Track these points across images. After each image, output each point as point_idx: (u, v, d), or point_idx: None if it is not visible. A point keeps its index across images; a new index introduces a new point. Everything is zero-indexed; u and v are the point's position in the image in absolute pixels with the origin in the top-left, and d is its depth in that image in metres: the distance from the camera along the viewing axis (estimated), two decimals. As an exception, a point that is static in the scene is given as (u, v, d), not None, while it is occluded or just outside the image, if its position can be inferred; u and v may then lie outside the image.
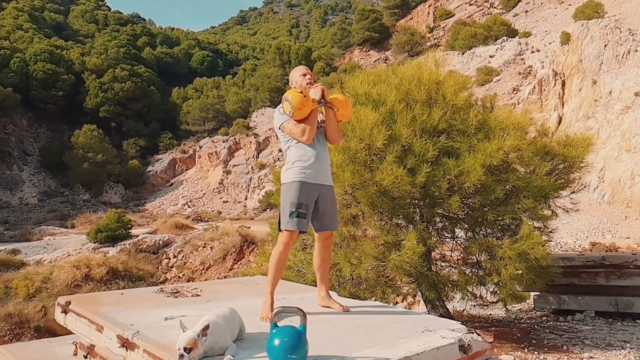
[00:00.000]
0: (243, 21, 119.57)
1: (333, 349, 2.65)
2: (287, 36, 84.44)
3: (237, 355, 2.50)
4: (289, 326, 2.49)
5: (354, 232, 4.74)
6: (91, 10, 76.30)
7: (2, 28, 56.11)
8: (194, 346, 2.37)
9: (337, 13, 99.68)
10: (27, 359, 3.36)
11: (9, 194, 43.55)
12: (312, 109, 3.44)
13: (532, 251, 4.26)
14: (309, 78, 3.66)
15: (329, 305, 3.57)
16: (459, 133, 4.65)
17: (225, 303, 3.40)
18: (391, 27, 48.62)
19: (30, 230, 34.10)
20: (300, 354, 2.38)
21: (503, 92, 32.05)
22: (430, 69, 5.02)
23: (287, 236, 3.43)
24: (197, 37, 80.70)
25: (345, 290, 4.68)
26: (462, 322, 5.14)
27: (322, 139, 3.61)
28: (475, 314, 6.61)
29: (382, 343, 2.80)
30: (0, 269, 25.19)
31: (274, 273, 3.42)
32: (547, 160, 5.01)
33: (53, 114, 49.07)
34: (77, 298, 3.53)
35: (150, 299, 3.67)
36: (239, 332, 2.77)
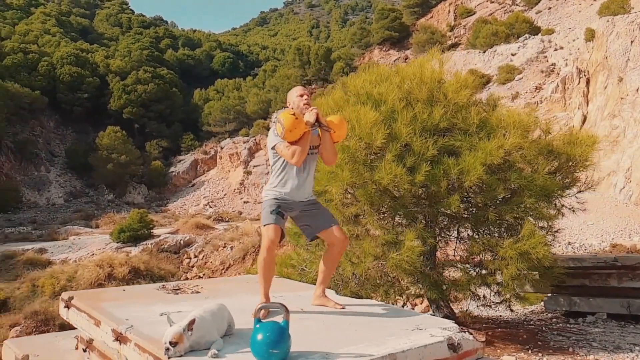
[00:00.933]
0: (264, 22, 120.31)
1: (318, 346, 2.68)
2: (307, 37, 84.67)
3: (223, 350, 2.55)
4: (272, 321, 2.53)
5: (356, 231, 4.75)
6: (115, 14, 77.76)
7: (30, 33, 57.59)
8: (179, 340, 2.43)
9: (357, 13, 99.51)
10: (31, 352, 3.48)
11: (37, 195, 44.65)
12: (304, 131, 3.43)
13: (533, 251, 4.21)
14: (305, 99, 3.63)
15: (324, 303, 3.60)
16: (460, 132, 4.63)
17: (222, 300, 3.46)
18: (411, 26, 48.33)
19: (57, 229, 34.86)
20: (281, 348, 2.42)
21: (525, 91, 31.58)
22: (432, 68, 5.01)
23: (267, 240, 3.43)
24: (219, 39, 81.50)
25: (347, 289, 4.71)
26: (466, 322, 5.13)
27: (311, 166, 3.63)
28: (483, 315, 6.56)
29: (370, 340, 2.82)
30: (28, 267, 25.88)
31: (263, 275, 3.46)
32: (551, 159, 4.95)
33: (78, 116, 50.17)
34: (79, 293, 3.64)
35: (150, 295, 3.75)
36: (227, 327, 2.82)
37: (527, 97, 31.53)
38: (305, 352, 2.56)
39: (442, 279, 4.77)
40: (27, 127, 46.65)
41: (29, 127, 46.88)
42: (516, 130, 4.34)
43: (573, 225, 15.19)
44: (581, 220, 15.19)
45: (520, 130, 4.39)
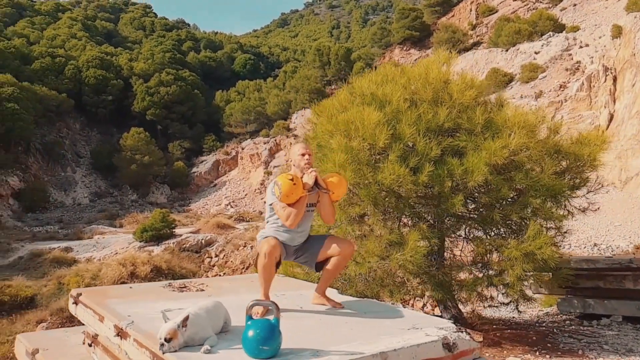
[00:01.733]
0: (284, 24, 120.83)
1: (311, 343, 2.72)
2: (328, 37, 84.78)
3: (217, 346, 2.61)
4: (263, 319, 2.58)
5: (360, 231, 4.77)
6: (139, 18, 79.10)
7: (57, 37, 59.03)
8: (173, 336, 2.50)
9: (377, 13, 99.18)
10: (41, 346, 3.60)
11: (64, 195, 45.69)
12: (300, 196, 3.49)
13: (539, 252, 4.16)
14: (307, 159, 3.64)
15: (324, 302, 3.63)
16: (465, 132, 4.60)
17: (225, 298, 3.53)
18: (432, 25, 47.98)
19: (82, 229, 35.59)
20: (272, 345, 2.46)
21: (549, 89, 31.04)
22: (438, 68, 4.99)
23: (266, 245, 3.47)
24: (240, 41, 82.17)
25: (353, 289, 4.72)
26: (474, 323, 5.09)
27: (308, 222, 3.69)
28: (494, 317, 6.50)
29: (363, 339, 2.85)
30: (55, 265, 26.52)
31: (263, 277, 3.49)
32: (558, 159, 4.87)
33: (103, 117, 51.22)
34: (87, 290, 3.76)
35: (155, 292, 3.84)
36: (223, 324, 2.88)
37: (551, 95, 30.99)
38: (296, 349, 2.60)
39: (448, 279, 4.75)
40: (54, 129, 47.82)
41: (56, 129, 48.05)
42: (521, 130, 4.29)
43: (599, 226, 14.87)
44: (608, 221, 14.88)
45: (525, 130, 4.34)
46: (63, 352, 3.43)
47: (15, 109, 39.71)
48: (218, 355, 2.51)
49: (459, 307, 5.31)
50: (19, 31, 59.26)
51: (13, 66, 45.73)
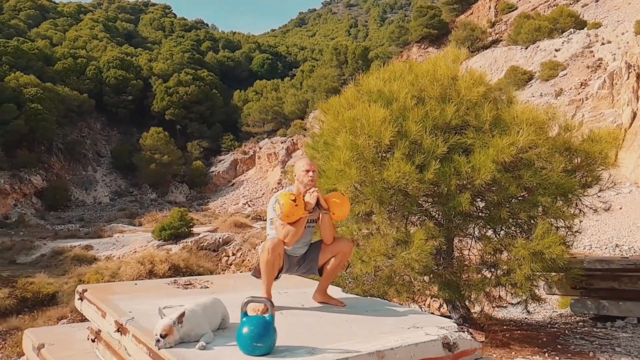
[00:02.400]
0: (302, 23, 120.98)
1: (308, 341, 2.71)
2: (346, 36, 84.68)
3: (213, 342, 2.62)
4: (258, 316, 2.57)
5: (368, 229, 4.74)
6: (159, 18, 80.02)
7: (79, 38, 60.05)
8: (169, 332, 2.51)
9: (395, 11, 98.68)
10: (47, 341, 3.66)
11: (85, 193, 46.48)
12: (301, 217, 3.50)
13: (547, 251, 4.08)
14: (311, 176, 3.62)
15: (326, 301, 3.62)
16: (473, 129, 4.54)
17: (228, 295, 3.55)
18: (450, 23, 47.54)
19: (102, 227, 36.13)
20: (266, 342, 2.46)
21: (570, 87, 30.51)
22: (446, 64, 4.93)
23: (270, 242, 3.50)
24: (258, 41, 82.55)
25: (359, 287, 4.70)
26: (482, 323, 5.03)
27: (308, 238, 3.68)
28: (506, 317, 6.40)
29: (361, 337, 2.83)
30: (75, 263, 27.00)
31: (266, 277, 3.49)
32: (568, 157, 4.77)
33: (123, 117, 51.96)
34: (93, 286, 3.80)
35: (159, 289, 3.88)
36: (221, 321, 2.89)
37: (572, 93, 30.46)
38: (292, 347, 2.59)
39: (455, 279, 4.68)
40: (76, 129, 48.70)
41: (78, 128, 48.93)
42: (529, 127, 4.21)
43: (621, 227, 14.54)
44: (630, 222, 14.53)
45: (534, 127, 4.26)
46: (68, 347, 3.49)
47: (39, 109, 40.55)
48: (213, 351, 2.52)
49: (468, 307, 5.25)
50: (42, 33, 60.45)
51: (36, 67, 46.69)
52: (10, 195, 39.36)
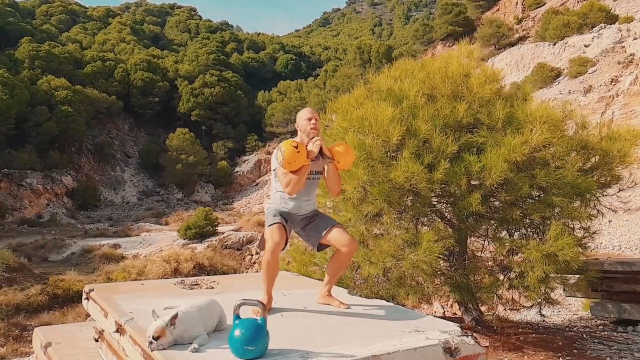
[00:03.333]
0: (326, 23, 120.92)
1: (304, 344, 2.67)
2: (370, 35, 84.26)
3: (206, 345, 2.60)
4: (250, 318, 2.54)
5: (378, 230, 4.67)
6: (184, 20, 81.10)
7: (108, 42, 61.35)
8: (161, 334, 2.50)
9: (420, 9, 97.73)
10: (54, 340, 3.72)
11: (113, 193, 47.48)
12: (303, 164, 3.41)
13: (560, 253, 3.94)
14: (313, 123, 3.58)
15: (329, 302, 3.57)
16: (485, 128, 4.41)
17: (233, 295, 3.53)
18: (476, 20, 46.82)
19: (130, 226, 36.83)
20: (257, 345, 2.43)
21: (599, 84, 29.69)
22: (458, 61, 4.82)
23: (271, 243, 3.45)
24: (282, 41, 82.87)
25: (367, 289, 4.63)
26: (494, 326, 4.91)
27: (313, 190, 3.62)
28: (521, 320, 6.24)
29: (359, 340, 2.77)
30: (104, 261, 27.60)
31: (266, 275, 3.46)
32: (585, 156, 4.60)
33: (150, 118, 52.87)
34: (99, 286, 3.84)
35: (165, 289, 3.89)
36: (217, 323, 2.86)
37: (602, 90, 29.64)
38: (285, 350, 2.56)
39: (466, 281, 4.57)
40: (105, 130, 49.79)
41: (106, 130, 50.02)
42: (543, 125, 4.07)
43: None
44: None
45: (548, 125, 4.12)
46: (73, 346, 3.53)
47: (69, 111, 41.60)
48: (205, 354, 2.50)
49: (481, 310, 5.12)
50: (72, 37, 61.94)
51: (67, 70, 47.91)
52: (43, 195, 40.47)
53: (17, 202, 38.28)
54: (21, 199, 38.60)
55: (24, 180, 38.75)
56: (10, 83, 38.80)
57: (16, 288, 19.09)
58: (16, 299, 17.91)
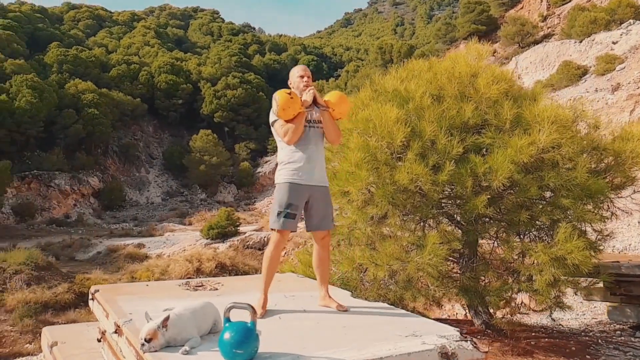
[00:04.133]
0: (348, 23, 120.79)
1: (296, 347, 2.65)
2: (392, 35, 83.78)
3: (199, 347, 2.61)
4: (240, 322, 2.54)
5: (387, 231, 4.62)
6: (207, 23, 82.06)
7: (132, 45, 62.46)
8: (153, 336, 2.52)
9: (443, 8, 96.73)
10: (60, 339, 3.79)
11: (138, 194, 48.32)
12: (298, 111, 3.44)
13: (569, 256, 3.83)
14: (305, 80, 3.69)
15: (328, 304, 3.55)
16: (492, 129, 4.32)
17: (235, 297, 3.54)
18: (499, 19, 46.10)
19: (154, 226, 37.39)
20: (246, 349, 2.42)
21: (628, 82, 28.93)
22: (466, 61, 4.74)
23: (276, 235, 3.51)
24: (303, 43, 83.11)
25: (374, 292, 4.59)
26: (503, 330, 4.80)
27: (317, 139, 3.60)
28: (535, 324, 6.10)
29: (353, 344, 2.75)
30: (129, 260, 28.11)
31: (266, 272, 3.49)
32: (596, 157, 4.46)
33: (174, 120, 53.63)
34: (104, 287, 3.90)
35: (168, 291, 3.92)
36: (212, 325, 2.87)
37: (630, 88, 28.88)
38: (276, 354, 2.55)
39: (473, 283, 4.48)
40: (130, 132, 50.73)
41: (131, 132, 50.95)
42: (551, 126, 3.97)
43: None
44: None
45: (556, 125, 4.01)
46: (77, 346, 3.59)
47: (95, 114, 42.52)
48: (196, 357, 2.50)
49: (491, 313, 5.03)
50: (98, 41, 63.28)
51: (93, 74, 48.97)
52: (70, 196, 41.44)
53: (46, 203, 39.28)
54: (50, 200, 39.60)
55: (52, 181, 39.75)
56: (40, 87, 39.84)
57: (44, 286, 19.58)
58: (44, 297, 18.37)
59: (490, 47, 5.47)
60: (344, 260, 4.65)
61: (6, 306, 17.88)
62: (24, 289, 18.71)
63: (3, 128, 36.34)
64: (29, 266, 20.13)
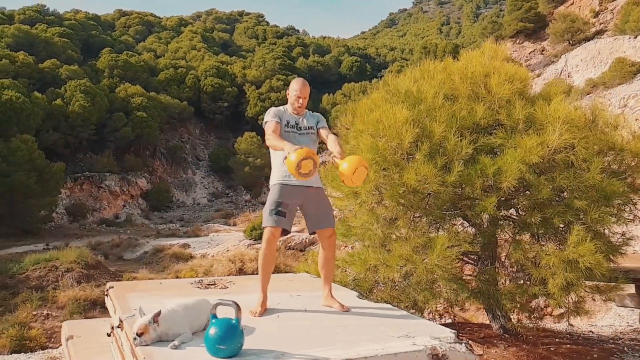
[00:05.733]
0: (392, 24, 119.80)
1: (283, 346, 2.70)
2: (437, 34, 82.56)
3: (189, 343, 2.69)
4: (225, 318, 2.60)
5: (399, 233, 4.59)
6: (252, 27, 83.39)
7: (180, 50, 64.31)
8: (144, 331, 2.63)
9: (490, 6, 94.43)
10: (77, 333, 3.99)
11: (185, 195, 49.69)
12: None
13: (582, 260, 3.68)
14: (300, 102, 3.81)
15: (330, 304, 3.58)
16: (505, 129, 4.21)
17: (243, 296, 3.64)
18: (548, 16, 44.51)
19: (200, 227, 38.26)
20: (229, 345, 2.49)
21: (687, 78, 27.37)
22: (479, 61, 4.64)
23: (268, 233, 3.58)
24: (347, 44, 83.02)
25: (387, 293, 4.57)
26: (519, 334, 4.66)
27: (308, 144, 3.67)
28: (560, 330, 5.87)
29: (342, 343, 2.77)
30: (174, 260, 28.91)
31: (262, 271, 3.59)
32: (613, 157, 4.26)
33: (220, 123, 54.83)
34: (119, 284, 4.07)
35: (179, 288, 4.05)
36: (207, 322, 2.95)
37: (690, 85, 27.29)
38: (261, 351, 2.60)
39: (488, 286, 4.38)
40: (177, 135, 52.26)
41: (178, 134, 52.47)
42: (563, 126, 3.83)
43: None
44: None
45: (568, 125, 3.87)
46: (91, 340, 3.77)
47: (144, 117, 44.09)
48: (183, 352, 2.59)
49: (509, 316, 4.90)
50: (147, 46, 65.51)
51: (142, 78, 50.78)
52: (119, 197, 43.09)
53: (97, 203, 41.00)
54: (100, 200, 41.30)
55: (103, 182, 41.45)
56: (92, 92, 41.68)
57: (93, 284, 20.44)
58: (93, 294, 19.17)
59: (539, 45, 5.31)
60: (357, 261, 4.66)
61: (58, 303, 18.80)
62: (74, 287, 19.62)
63: (58, 131, 38.21)
64: (80, 264, 21.05)
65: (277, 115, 3.82)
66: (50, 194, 31.54)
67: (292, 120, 3.82)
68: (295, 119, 3.84)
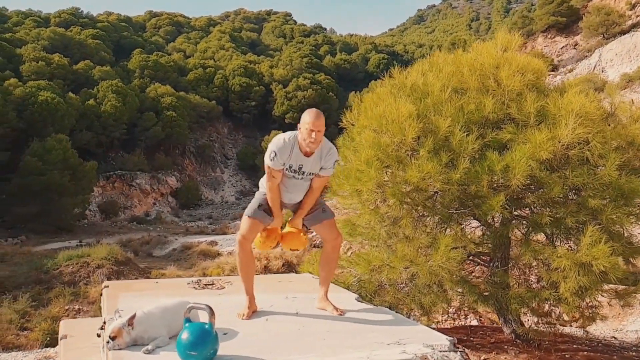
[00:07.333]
0: (421, 20, 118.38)
1: (264, 352, 2.58)
2: (466, 30, 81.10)
3: (165, 347, 2.59)
4: (198, 323, 2.49)
5: (404, 234, 4.39)
6: (280, 26, 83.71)
7: (208, 50, 65.04)
8: (118, 334, 2.53)
9: (521, 1, 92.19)
10: (72, 332, 3.95)
11: (213, 193, 50.27)
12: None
13: (595, 262, 3.42)
14: (314, 137, 3.31)
15: (324, 307, 3.44)
16: (515, 124, 3.96)
17: (237, 297, 3.54)
18: (581, 9, 43.12)
19: (228, 224, 38.60)
20: (201, 351, 2.37)
21: None
22: (489, 52, 4.40)
23: (247, 223, 3.51)
24: (374, 41, 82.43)
25: (390, 295, 4.39)
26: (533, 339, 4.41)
27: (303, 187, 3.52)
28: (579, 335, 5.56)
29: (326, 350, 2.63)
30: (201, 257, 29.20)
31: (241, 272, 3.50)
32: (633, 153, 3.95)
33: (247, 122, 55.25)
34: (114, 283, 4.02)
35: (174, 288, 3.97)
36: (186, 325, 2.84)
37: None
38: (237, 357, 2.48)
39: (497, 289, 4.14)
40: (206, 134, 52.89)
41: (207, 133, 53.09)
42: (576, 120, 3.57)
43: None
44: None
45: (582, 118, 3.61)
46: (84, 340, 3.72)
47: (174, 116, 44.75)
48: (157, 356, 2.49)
49: (522, 321, 4.65)
50: (177, 47, 66.49)
51: (172, 78, 51.55)
52: (150, 195, 43.86)
53: (128, 201, 41.82)
54: (132, 198, 42.11)
55: (134, 180, 42.25)
56: (123, 92, 42.52)
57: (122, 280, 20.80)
58: (121, 291, 19.53)
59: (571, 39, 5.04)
60: (361, 261, 4.49)
61: (89, 298, 19.21)
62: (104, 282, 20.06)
63: (91, 131, 39.10)
64: (110, 261, 21.44)
65: (283, 156, 3.38)
66: (83, 192, 32.30)
67: (296, 164, 3.40)
68: (300, 162, 3.40)
